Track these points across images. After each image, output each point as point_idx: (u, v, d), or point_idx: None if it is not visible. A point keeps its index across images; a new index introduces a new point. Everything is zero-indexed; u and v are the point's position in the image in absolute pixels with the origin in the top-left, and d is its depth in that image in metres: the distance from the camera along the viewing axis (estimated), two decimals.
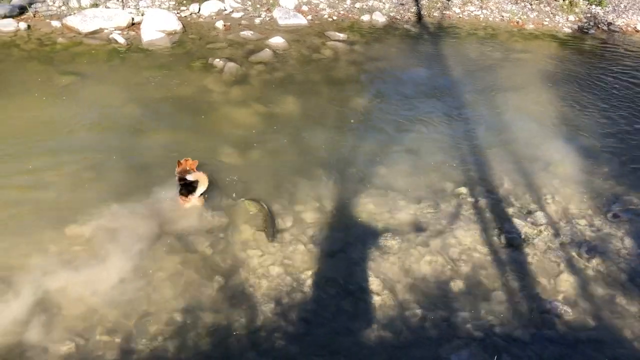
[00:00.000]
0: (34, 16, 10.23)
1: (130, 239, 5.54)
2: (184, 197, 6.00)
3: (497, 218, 6.31)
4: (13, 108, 7.56)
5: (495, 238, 6.01)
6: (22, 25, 9.79)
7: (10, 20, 9.82)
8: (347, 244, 5.80)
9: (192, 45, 9.96)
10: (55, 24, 10.05)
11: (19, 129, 7.08)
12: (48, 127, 7.19)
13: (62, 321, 4.65)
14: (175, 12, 10.92)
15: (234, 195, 6.28)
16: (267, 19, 11.28)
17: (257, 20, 11.14)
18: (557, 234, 6.11)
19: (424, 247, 5.79)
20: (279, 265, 5.42)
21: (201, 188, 6.02)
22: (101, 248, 5.40)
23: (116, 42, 9.70)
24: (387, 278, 5.40)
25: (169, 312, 4.85)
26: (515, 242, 5.96)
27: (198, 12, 11.14)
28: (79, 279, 5.05)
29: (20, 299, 4.80)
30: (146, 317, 4.79)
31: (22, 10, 10.22)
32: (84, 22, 9.99)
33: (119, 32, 10.00)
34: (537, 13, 12.89)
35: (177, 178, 6.10)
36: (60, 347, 4.43)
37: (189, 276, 5.23)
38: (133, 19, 10.37)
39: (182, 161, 6.18)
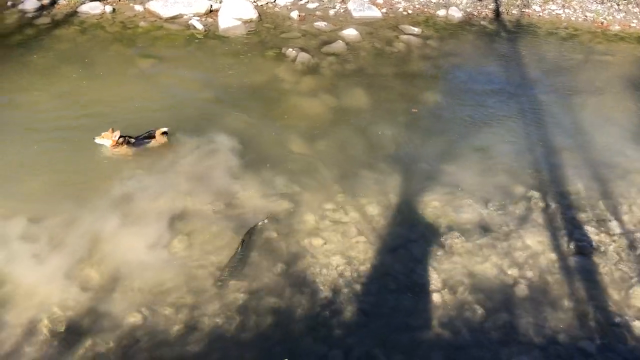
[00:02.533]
0: (119, 0, 10.66)
1: (199, 219, 5.74)
2: (159, 137, 6.65)
3: (567, 224, 6.10)
4: (97, 87, 7.94)
5: (564, 245, 5.81)
6: (108, 8, 10.24)
7: (97, 3, 10.29)
8: (409, 240, 5.77)
9: (267, 34, 10.11)
10: (138, 8, 10.45)
11: (101, 108, 7.42)
12: (127, 107, 7.50)
13: (129, 293, 4.88)
14: (252, 0, 11.09)
15: (299, 184, 6.37)
16: (342, 10, 11.29)
17: (332, 12, 11.17)
18: (631, 246, 5.84)
19: (489, 249, 5.67)
20: (340, 255, 5.46)
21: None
22: (170, 226, 5.61)
23: (194, 28, 9.98)
24: (449, 277, 5.34)
25: (233, 291, 4.98)
26: (585, 250, 5.75)
27: (274, 2, 11.28)
28: (143, 253, 5.31)
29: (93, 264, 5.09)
30: (209, 293, 4.95)
31: None
32: (165, 7, 10.33)
33: (198, 18, 10.28)
34: (624, 14, 12.27)
35: (119, 142, 6.42)
36: (127, 318, 4.65)
37: (252, 258, 5.35)
38: (211, 6, 10.63)
39: (110, 134, 6.40)
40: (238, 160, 6.62)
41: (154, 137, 6.70)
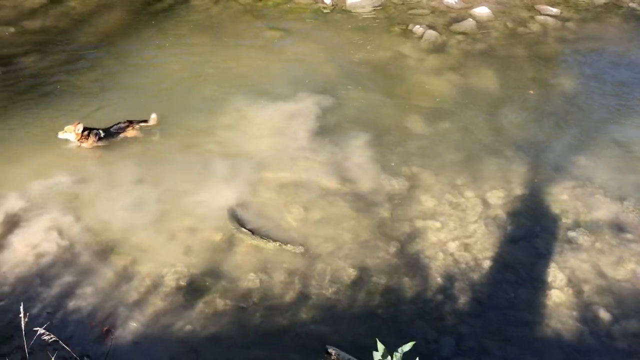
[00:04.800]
0: None
1: (313, 190, 5.79)
2: (130, 130, 6.31)
3: None
4: (224, 56, 8.21)
5: None
6: None
7: None
8: (532, 233, 5.46)
9: (394, 10, 9.91)
10: None
11: (225, 75, 7.68)
12: (250, 76, 7.69)
13: (247, 255, 5.05)
14: None
15: (417, 164, 6.24)
16: None
17: None
18: None
19: (623, 250, 5.23)
20: (458, 241, 5.28)
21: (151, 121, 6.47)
22: (287, 194, 5.72)
23: (322, 2, 9.99)
24: (574, 275, 4.99)
25: (344, 265, 4.99)
26: None
27: None
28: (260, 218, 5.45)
29: None
30: (322, 264, 5.00)
31: None
32: None
33: None
34: None
35: (84, 135, 6.02)
36: (244, 280, 4.82)
37: (366, 235, 5.33)
38: None
39: (73, 127, 5.99)
40: (356, 136, 6.58)
41: (124, 129, 6.33)
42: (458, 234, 5.37)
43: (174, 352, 4.27)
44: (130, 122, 6.38)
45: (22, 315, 2.98)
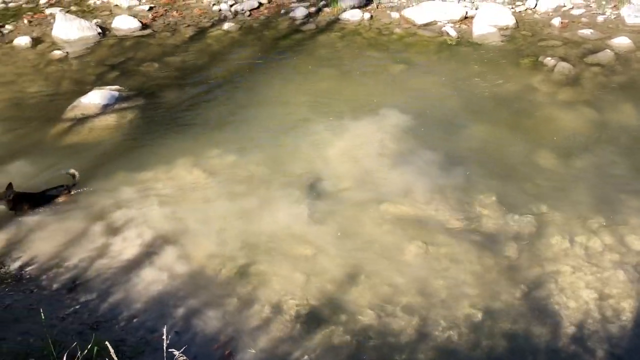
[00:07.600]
0: (377, 7, 11.11)
1: (436, 228, 5.66)
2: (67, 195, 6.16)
3: None
4: (349, 88, 8.42)
5: None
6: (366, 15, 10.73)
7: (357, 10, 10.85)
8: None
9: (523, 41, 9.59)
10: (394, 15, 10.74)
11: (348, 106, 7.83)
12: (372, 108, 7.74)
13: (366, 290, 5.00)
14: (510, 7, 10.61)
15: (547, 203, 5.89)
16: (613, 17, 10.15)
17: (600, 18, 10.11)
18: None
19: None
20: (592, 288, 4.87)
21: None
22: (408, 230, 5.63)
23: (447, 34, 9.92)
24: None
25: (466, 307, 4.79)
26: None
27: (534, 8, 10.64)
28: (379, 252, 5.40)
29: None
30: (444, 305, 4.83)
31: (368, 1, 11.20)
32: (420, 14, 10.45)
33: (452, 25, 10.19)
34: None
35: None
36: (362, 315, 4.77)
37: (490, 276, 5.09)
38: (467, 12, 10.45)
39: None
40: (481, 172, 6.39)
41: (63, 193, 6.15)
42: (592, 280, 4.96)
43: None
44: (67, 187, 6.18)
45: (164, 336, 3.16)
